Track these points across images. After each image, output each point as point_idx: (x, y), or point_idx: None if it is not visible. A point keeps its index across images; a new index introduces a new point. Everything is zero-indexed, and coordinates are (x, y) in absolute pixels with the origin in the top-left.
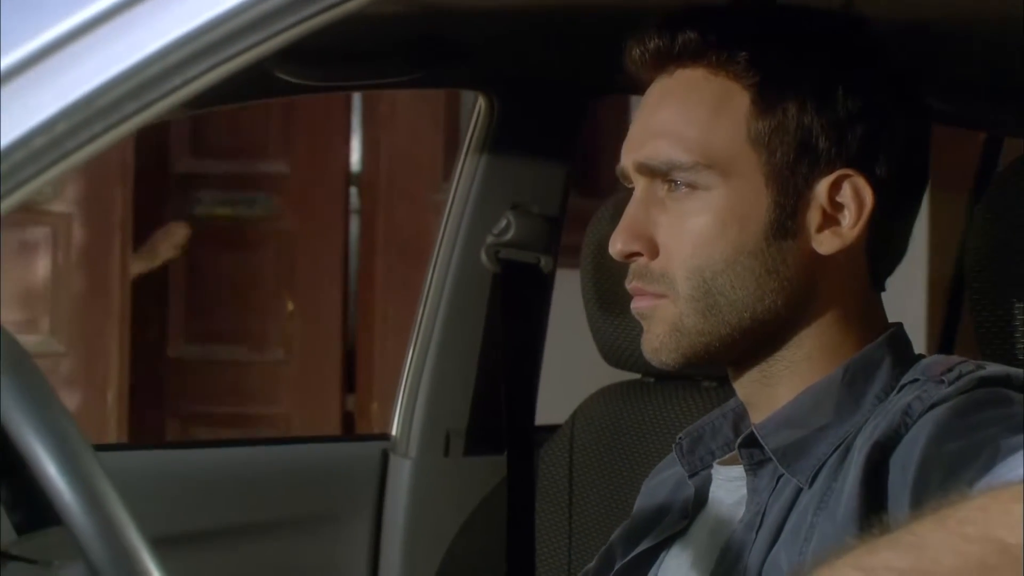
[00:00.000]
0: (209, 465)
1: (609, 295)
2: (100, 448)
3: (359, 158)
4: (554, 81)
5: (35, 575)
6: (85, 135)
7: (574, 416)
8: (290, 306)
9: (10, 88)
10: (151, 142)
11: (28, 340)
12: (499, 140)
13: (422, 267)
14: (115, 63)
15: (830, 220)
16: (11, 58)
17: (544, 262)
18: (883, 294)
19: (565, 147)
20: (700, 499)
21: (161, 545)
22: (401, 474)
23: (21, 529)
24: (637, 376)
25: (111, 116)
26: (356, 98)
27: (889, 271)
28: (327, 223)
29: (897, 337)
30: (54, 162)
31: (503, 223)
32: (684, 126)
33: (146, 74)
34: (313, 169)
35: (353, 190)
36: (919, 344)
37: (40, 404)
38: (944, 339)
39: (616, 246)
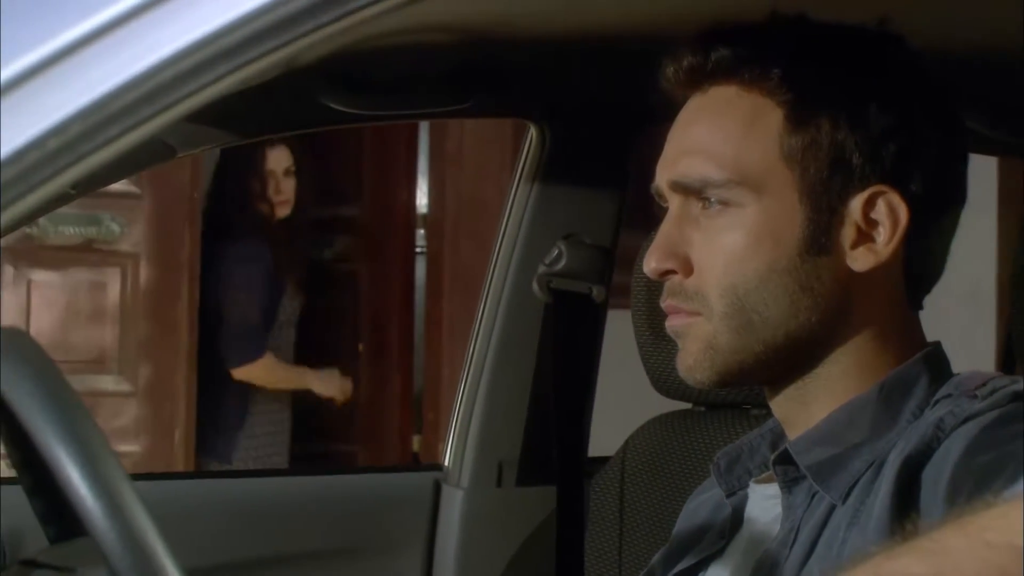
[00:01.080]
0: (263, 495)
1: (660, 323)
2: (156, 477)
3: (426, 200)
4: (605, 109)
5: None
6: (100, 138)
7: (625, 446)
8: (361, 347)
9: (25, 90)
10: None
11: (97, 380)
12: (550, 169)
13: None
14: (129, 66)
15: (864, 237)
16: (27, 60)
17: (596, 292)
18: (953, 310)
19: (617, 176)
20: (737, 519)
21: (215, 574)
22: (453, 504)
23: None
24: (688, 405)
25: (125, 120)
26: (423, 139)
27: (926, 289)
28: (394, 264)
29: (934, 355)
30: (68, 165)
31: (555, 253)
32: (717, 143)
33: (160, 78)
34: (380, 211)
35: (420, 232)
36: (989, 362)
37: (64, 409)
38: (1005, 356)
39: (650, 264)
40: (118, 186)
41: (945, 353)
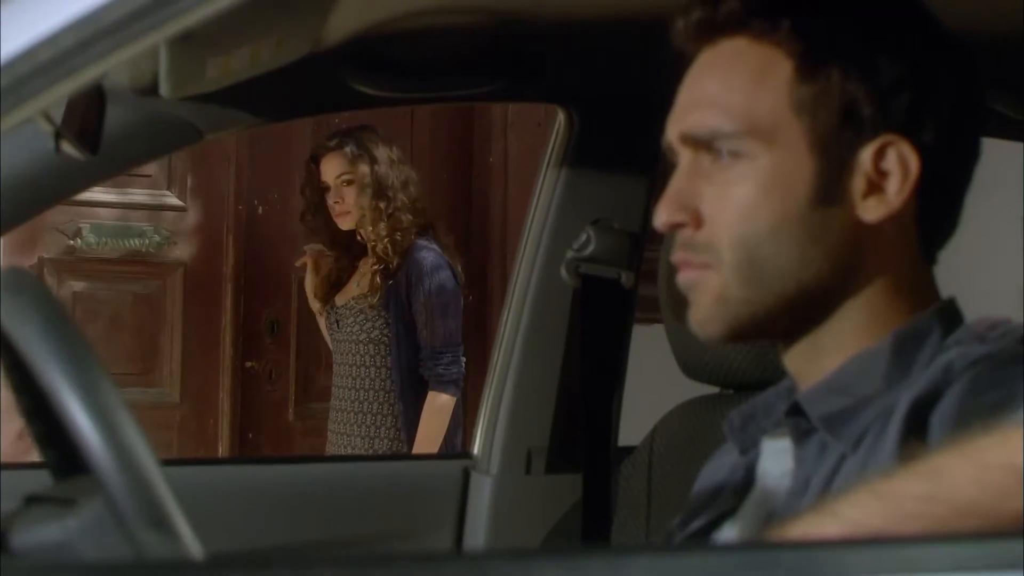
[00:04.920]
0: (293, 481)
1: (687, 305)
2: (188, 462)
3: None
4: (634, 93)
5: (59, 514)
6: (93, 52)
7: (653, 431)
8: None
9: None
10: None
11: (143, 392)
12: (579, 154)
13: None
14: None
15: (875, 187)
16: None
17: (625, 277)
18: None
19: (647, 160)
20: (750, 476)
21: (246, 559)
22: (482, 491)
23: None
24: (716, 390)
25: (119, 34)
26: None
27: (940, 243)
28: None
29: (948, 308)
30: (61, 77)
31: (583, 238)
32: (727, 95)
33: None
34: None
35: None
36: None
37: (65, 345)
38: None
39: (661, 217)
40: (162, 199)
41: (959, 308)
